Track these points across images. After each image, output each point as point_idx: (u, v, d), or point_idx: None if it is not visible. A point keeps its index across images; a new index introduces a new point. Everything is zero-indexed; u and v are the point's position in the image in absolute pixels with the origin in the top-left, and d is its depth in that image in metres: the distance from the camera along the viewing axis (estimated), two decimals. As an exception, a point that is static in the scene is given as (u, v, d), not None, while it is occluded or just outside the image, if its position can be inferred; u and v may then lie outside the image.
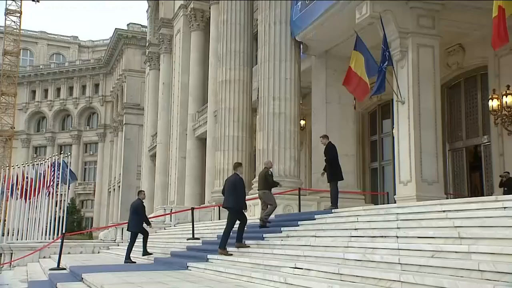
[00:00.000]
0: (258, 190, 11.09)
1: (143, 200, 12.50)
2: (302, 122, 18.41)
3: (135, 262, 11.51)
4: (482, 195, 13.48)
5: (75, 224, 45.72)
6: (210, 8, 25.55)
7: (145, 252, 12.36)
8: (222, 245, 9.14)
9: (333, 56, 15.56)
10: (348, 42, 13.87)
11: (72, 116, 57.78)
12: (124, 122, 46.81)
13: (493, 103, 12.68)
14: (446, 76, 14.55)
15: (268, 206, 10.79)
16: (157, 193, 32.07)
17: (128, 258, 11.73)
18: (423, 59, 11.50)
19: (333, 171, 10.90)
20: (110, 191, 52.54)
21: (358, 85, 11.29)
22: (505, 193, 11.21)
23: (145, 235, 12.49)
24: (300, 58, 15.47)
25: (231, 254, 8.96)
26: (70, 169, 20.12)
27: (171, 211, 20.12)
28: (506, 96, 12.41)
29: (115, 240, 18.99)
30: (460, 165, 14.79)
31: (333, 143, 13.92)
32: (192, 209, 14.95)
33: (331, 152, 10.99)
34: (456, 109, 14.94)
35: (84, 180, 57.13)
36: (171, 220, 19.62)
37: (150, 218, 13.77)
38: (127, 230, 12.65)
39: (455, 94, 15.02)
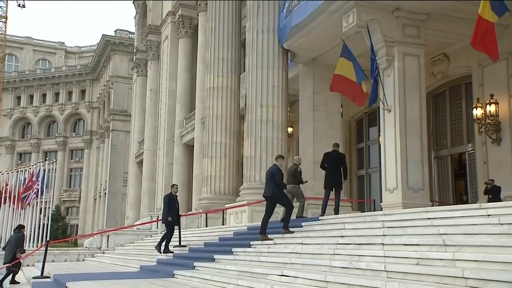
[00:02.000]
0: (287, 185, 10.96)
1: (176, 194, 12.86)
2: (290, 129, 18.47)
3: (173, 252, 11.87)
4: (467, 202, 13.63)
5: (60, 231, 45.11)
6: (198, 15, 25.60)
7: (166, 248, 12.20)
8: (262, 231, 9.34)
9: (320, 64, 15.69)
10: (335, 50, 14.00)
11: (57, 122, 57.20)
12: (110, 129, 46.47)
13: (477, 112, 12.86)
14: (431, 85, 14.75)
15: (298, 202, 10.94)
16: (143, 200, 31.84)
17: (159, 247, 11.99)
18: (409, 67, 11.66)
19: (341, 179, 10.86)
20: (95, 198, 52.00)
21: (355, 91, 11.37)
22: (489, 200, 11.35)
23: (171, 231, 12.46)
24: (288, 65, 15.56)
25: (272, 239, 9.11)
26: (42, 179, 19.79)
27: (157, 218, 19.94)
28: (490, 105, 12.60)
29: (100, 247, 18.78)
30: (445, 173, 14.96)
31: (320, 150, 13.99)
32: (179, 216, 14.82)
33: (345, 161, 10.97)
34: (441, 117, 15.14)
35: (70, 187, 56.49)
36: (157, 227, 19.45)
37: (136, 225, 13.66)
38: (162, 222, 12.86)
39: (440, 102, 15.22)
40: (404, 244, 6.21)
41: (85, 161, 55.52)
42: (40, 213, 20.71)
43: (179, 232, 12.72)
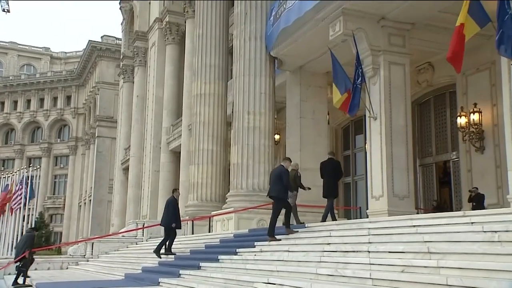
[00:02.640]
0: None
1: (178, 198, 12.91)
2: (277, 137, 18.51)
3: (160, 258, 11.94)
4: (452, 210, 13.78)
5: (43, 239, 44.39)
6: (185, 22, 25.60)
7: (158, 252, 12.28)
8: (270, 233, 9.39)
9: (307, 71, 15.80)
10: (322, 58, 14.14)
11: (42, 128, 56.53)
12: (96, 135, 46.07)
13: (461, 120, 13.05)
14: (416, 93, 14.94)
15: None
16: (129, 207, 31.55)
17: (158, 251, 12.08)
18: (395, 76, 11.80)
19: (336, 187, 10.87)
20: (80, 205, 51.39)
21: (344, 103, 11.48)
22: (473, 208, 11.49)
23: (173, 236, 12.60)
24: (275, 73, 15.62)
25: (280, 240, 9.21)
26: (31, 186, 19.56)
27: (143, 225, 19.80)
28: (474, 114, 12.79)
29: (84, 255, 18.54)
30: (430, 181, 15.11)
31: (307, 157, 14.04)
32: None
33: (341, 168, 10.97)
34: (426, 125, 15.32)
35: (54, 194, 55.75)
36: (143, 234, 19.28)
37: (121, 232, 13.61)
38: (160, 225, 12.98)
39: (425, 111, 15.42)
40: (389, 252, 6.26)
41: (70, 168, 54.88)
42: (23, 220, 20.40)
43: (164, 241, 12.59)
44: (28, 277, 12.32)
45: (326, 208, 10.93)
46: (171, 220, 12.34)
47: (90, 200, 45.32)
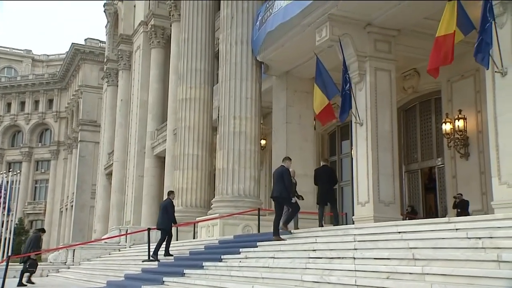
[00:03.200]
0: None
1: (173, 200, 13.05)
2: (263, 142, 18.54)
3: (159, 261, 11.91)
4: (437, 216, 13.94)
5: (23, 246, 43.66)
6: (171, 26, 25.56)
7: (155, 254, 12.34)
8: (274, 233, 9.38)
9: (294, 76, 15.88)
10: (309, 63, 14.22)
11: (23, 132, 55.75)
12: (79, 139, 45.62)
13: (446, 127, 13.24)
14: (402, 100, 15.12)
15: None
16: (112, 213, 31.24)
17: (155, 254, 12.18)
18: (381, 82, 11.93)
19: (334, 194, 10.89)
20: (62, 211, 50.73)
21: (323, 110, 11.58)
22: (458, 214, 11.64)
23: (170, 236, 12.67)
24: (261, 78, 15.67)
25: (285, 240, 9.18)
26: (9, 192, 19.29)
27: (126, 231, 19.61)
28: (458, 120, 12.99)
29: (65, 262, 18.28)
30: (416, 187, 15.28)
31: (293, 163, 14.06)
32: (149, 229, 14.63)
33: (335, 174, 11.00)
34: (411, 131, 15.50)
35: (34, 199, 54.94)
36: (126, 241, 19.10)
37: (104, 239, 13.54)
38: (156, 228, 13.01)
39: (411, 117, 15.60)
40: (374, 258, 6.30)
41: (51, 173, 54.18)
42: (2, 226, 20.06)
43: (160, 243, 12.67)
44: (33, 283, 12.38)
45: (333, 214, 10.99)
46: (169, 222, 12.42)
47: (72, 206, 44.79)
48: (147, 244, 13.93)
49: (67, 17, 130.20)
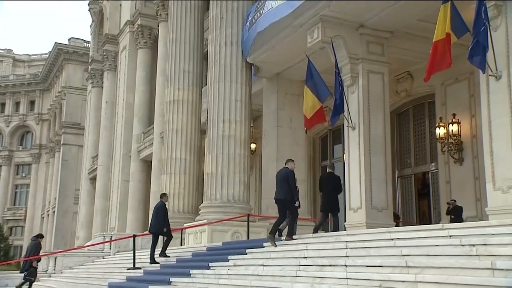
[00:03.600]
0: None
1: (166, 203, 13.06)
2: (253, 146, 18.53)
3: (158, 263, 11.94)
4: (430, 222, 14.03)
5: (2, 253, 43.17)
6: (158, 26, 25.50)
7: (153, 260, 12.36)
8: (272, 231, 9.45)
9: (285, 79, 15.93)
10: (300, 65, 14.27)
11: (3, 135, 55.13)
12: (62, 142, 45.25)
13: (440, 131, 13.35)
14: (395, 103, 15.22)
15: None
16: (96, 219, 31.03)
17: (152, 259, 12.22)
18: (373, 85, 12.01)
19: (338, 202, 10.91)
20: (43, 217, 50.21)
21: (315, 114, 11.63)
22: (451, 221, 11.73)
23: (168, 238, 12.73)
24: (251, 80, 15.69)
25: (276, 246, 9.22)
26: None
27: (111, 238, 19.46)
28: (452, 125, 13.10)
29: (46, 270, 18.08)
30: (409, 192, 15.36)
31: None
32: (134, 236, 14.56)
33: (340, 183, 11.02)
34: (405, 136, 15.60)
35: (14, 205, 54.28)
36: (110, 248, 18.96)
37: (87, 246, 13.50)
38: (148, 231, 12.99)
39: (404, 121, 15.71)
40: (367, 266, 6.33)
41: (32, 177, 53.62)
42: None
43: (153, 248, 12.64)
44: None
45: (333, 222, 10.98)
46: (162, 226, 12.44)
47: (54, 212, 44.38)
48: (132, 252, 13.86)
49: (50, 15, 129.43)
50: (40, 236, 14.40)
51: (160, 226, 12.48)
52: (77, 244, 32.29)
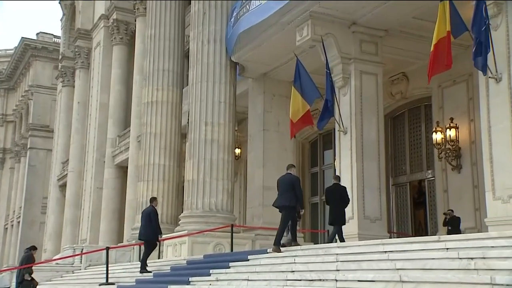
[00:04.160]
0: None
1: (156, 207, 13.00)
2: (237, 151, 18.55)
3: (150, 272, 11.98)
4: (426, 233, 14.16)
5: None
6: (135, 21, 25.40)
7: (144, 269, 12.36)
8: (276, 242, 9.65)
9: (272, 79, 15.99)
10: (289, 65, 14.35)
11: (-37, 137, 54.35)
12: (28, 146, 44.76)
13: (437, 136, 13.50)
14: (389, 106, 15.38)
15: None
16: (65, 230, 30.71)
17: (143, 269, 12.22)
18: (366, 86, 12.12)
19: (344, 214, 10.98)
20: (7, 228, 49.54)
21: (302, 117, 11.70)
22: (449, 232, 11.85)
23: (153, 247, 12.70)
24: (236, 80, 15.72)
25: (282, 252, 9.37)
26: None
27: (81, 251, 19.27)
28: (450, 129, 13.25)
29: (9, 287, 17.80)
30: (404, 201, 15.49)
31: (270, 174, 14.20)
32: (107, 248, 14.45)
33: (347, 193, 11.06)
34: (400, 141, 15.74)
35: (-25, 214, 53.44)
36: (81, 262, 18.76)
37: (55, 259, 13.42)
38: (138, 239, 12.92)
39: (399, 125, 15.86)
40: (358, 280, 6.36)
41: (-5, 184, 52.89)
42: None
43: (145, 257, 12.66)
44: None
45: (331, 234, 11.09)
46: (154, 232, 12.42)
47: (19, 222, 43.81)
48: (105, 265, 13.74)
49: (16, 8, 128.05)
50: (33, 248, 14.58)
51: (154, 233, 12.42)
52: (44, 257, 31.86)
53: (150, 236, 12.44)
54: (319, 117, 11.52)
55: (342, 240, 10.91)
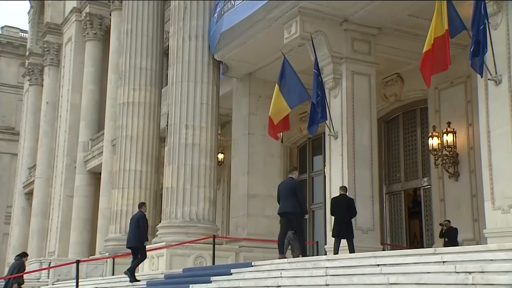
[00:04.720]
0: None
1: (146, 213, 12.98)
2: (220, 156, 18.54)
3: (139, 281, 12.04)
4: (422, 245, 14.26)
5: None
6: (110, 15, 25.32)
7: (133, 277, 12.30)
8: (280, 251, 10.08)
9: (258, 79, 16.03)
10: (276, 64, 14.40)
11: None
12: (-8, 150, 44.32)
13: (433, 142, 13.59)
14: (383, 109, 15.49)
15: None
16: (32, 242, 30.38)
17: (133, 277, 12.23)
18: (359, 88, 12.20)
19: (352, 226, 11.01)
20: (-33, 239, 48.87)
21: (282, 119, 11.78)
22: (445, 244, 11.94)
23: (143, 256, 12.59)
24: (219, 80, 15.73)
25: (286, 257, 9.78)
26: None
27: (49, 265, 19.10)
28: (447, 134, 13.34)
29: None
30: (398, 211, 15.59)
31: (256, 181, 14.22)
32: (78, 262, 14.34)
33: (354, 205, 11.10)
34: (394, 146, 15.85)
35: None
36: (48, 276, 18.59)
37: (19, 275, 13.40)
38: (126, 246, 12.84)
39: (393, 129, 15.97)
40: (349, 296, 6.38)
41: (-45, 191, 52.16)
42: None
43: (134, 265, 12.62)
44: None
45: (349, 248, 11.10)
46: (143, 238, 12.41)
47: (-19, 233, 43.30)
48: (75, 280, 13.63)
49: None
50: (24, 254, 14.89)
51: (141, 239, 12.39)
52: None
53: (139, 242, 12.41)
54: (308, 121, 11.56)
55: (352, 251, 10.97)
